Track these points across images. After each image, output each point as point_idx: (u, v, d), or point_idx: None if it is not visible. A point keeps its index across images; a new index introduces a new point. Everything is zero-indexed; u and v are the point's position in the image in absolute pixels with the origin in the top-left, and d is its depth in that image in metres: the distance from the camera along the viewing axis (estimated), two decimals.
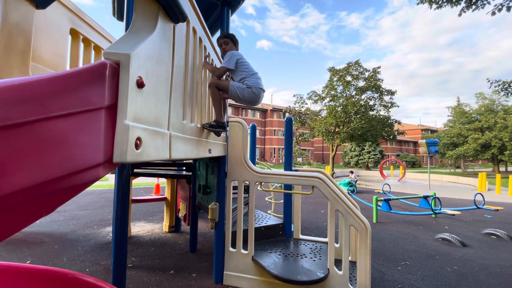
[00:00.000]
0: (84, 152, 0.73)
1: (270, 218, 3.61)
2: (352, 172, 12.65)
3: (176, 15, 1.17)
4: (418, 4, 6.14)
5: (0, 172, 0.57)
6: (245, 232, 2.73)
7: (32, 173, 0.63)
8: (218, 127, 2.13)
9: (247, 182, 2.80)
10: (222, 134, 2.37)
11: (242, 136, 2.82)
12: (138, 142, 0.91)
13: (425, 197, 6.80)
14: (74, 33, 1.97)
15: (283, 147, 3.83)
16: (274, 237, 3.29)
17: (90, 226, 4.61)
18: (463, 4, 5.59)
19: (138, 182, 10.62)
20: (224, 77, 2.30)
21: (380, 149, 32.12)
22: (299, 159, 34.69)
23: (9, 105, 0.59)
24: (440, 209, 5.82)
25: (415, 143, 50.37)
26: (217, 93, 2.21)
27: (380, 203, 6.16)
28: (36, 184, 0.64)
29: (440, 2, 5.72)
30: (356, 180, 11.83)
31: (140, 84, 0.91)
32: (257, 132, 38.05)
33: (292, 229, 3.40)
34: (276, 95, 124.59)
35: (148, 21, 1.05)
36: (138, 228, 4.63)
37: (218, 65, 2.57)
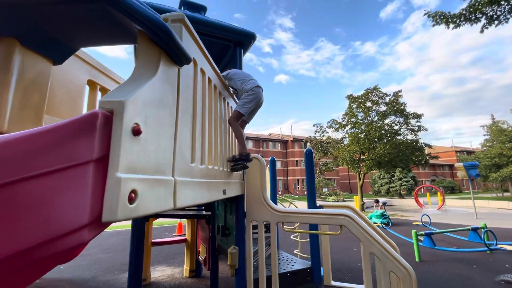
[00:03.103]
0: (64, 214, 0.64)
1: (296, 261, 3.27)
2: (377, 201, 11.62)
3: (179, 58, 1.16)
4: (433, 25, 6.03)
5: None
6: (269, 279, 2.45)
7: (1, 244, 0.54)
8: (241, 159, 2.24)
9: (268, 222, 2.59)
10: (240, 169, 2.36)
11: (259, 172, 2.69)
12: (133, 195, 0.81)
13: (475, 229, 5.95)
14: (91, 83, 2.09)
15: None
16: (302, 284, 2.93)
17: (111, 271, 4.50)
18: (483, 21, 5.38)
19: (160, 222, 10.58)
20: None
21: (412, 175, 29.93)
22: (325, 190, 33.23)
23: None
24: (496, 244, 5.02)
25: (451, 166, 46.57)
26: (237, 125, 2.29)
27: (421, 238, 5.47)
28: (5, 257, 0.55)
29: (457, 21, 5.56)
30: (385, 203, 10.90)
31: (136, 131, 0.84)
32: (279, 163, 37.62)
33: (322, 274, 3.03)
34: (296, 126, 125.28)
35: (149, 66, 1.03)
36: (158, 272, 4.43)
37: (231, 102, 2.60)
